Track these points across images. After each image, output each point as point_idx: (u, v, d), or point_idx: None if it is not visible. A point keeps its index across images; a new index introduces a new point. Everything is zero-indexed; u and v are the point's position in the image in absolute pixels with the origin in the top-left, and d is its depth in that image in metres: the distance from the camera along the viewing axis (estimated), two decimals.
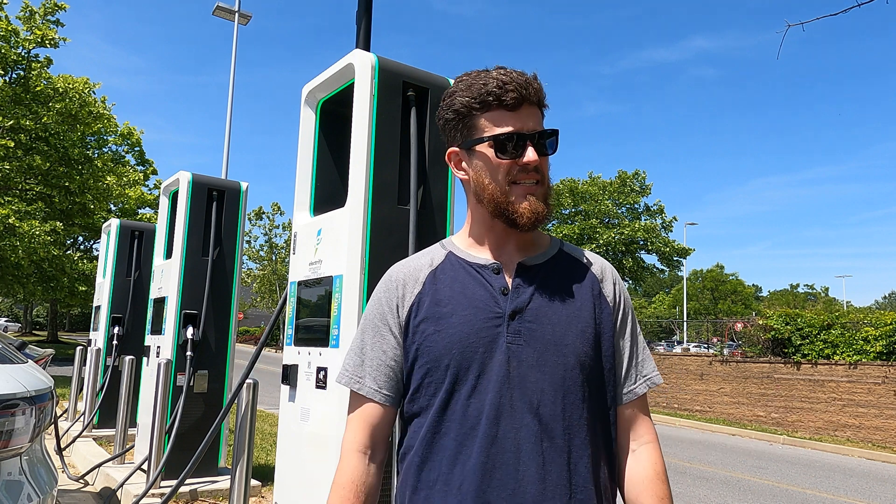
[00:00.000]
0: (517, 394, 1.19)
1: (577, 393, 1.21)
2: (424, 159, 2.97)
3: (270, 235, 43.30)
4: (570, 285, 1.29)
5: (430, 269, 1.34)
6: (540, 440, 1.17)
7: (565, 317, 1.24)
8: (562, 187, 32.88)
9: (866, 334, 13.27)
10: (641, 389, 1.33)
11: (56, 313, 37.50)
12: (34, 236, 16.48)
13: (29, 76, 18.08)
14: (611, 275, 1.35)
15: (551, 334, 1.22)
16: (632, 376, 1.33)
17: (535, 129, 1.24)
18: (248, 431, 3.62)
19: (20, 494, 2.44)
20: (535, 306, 1.24)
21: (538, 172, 1.25)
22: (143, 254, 7.59)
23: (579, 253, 1.37)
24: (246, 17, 17.70)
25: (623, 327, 1.33)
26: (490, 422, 1.18)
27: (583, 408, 1.22)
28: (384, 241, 2.78)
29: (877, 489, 8.79)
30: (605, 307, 1.30)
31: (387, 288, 1.37)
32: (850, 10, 3.98)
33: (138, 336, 7.09)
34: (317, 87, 3.20)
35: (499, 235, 1.31)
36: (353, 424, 1.32)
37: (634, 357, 1.33)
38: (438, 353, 1.24)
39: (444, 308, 1.27)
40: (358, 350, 1.36)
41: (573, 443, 1.20)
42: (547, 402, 1.19)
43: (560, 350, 1.22)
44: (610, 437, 1.29)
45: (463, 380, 1.21)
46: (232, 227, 5.48)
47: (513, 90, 1.22)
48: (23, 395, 2.52)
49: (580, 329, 1.24)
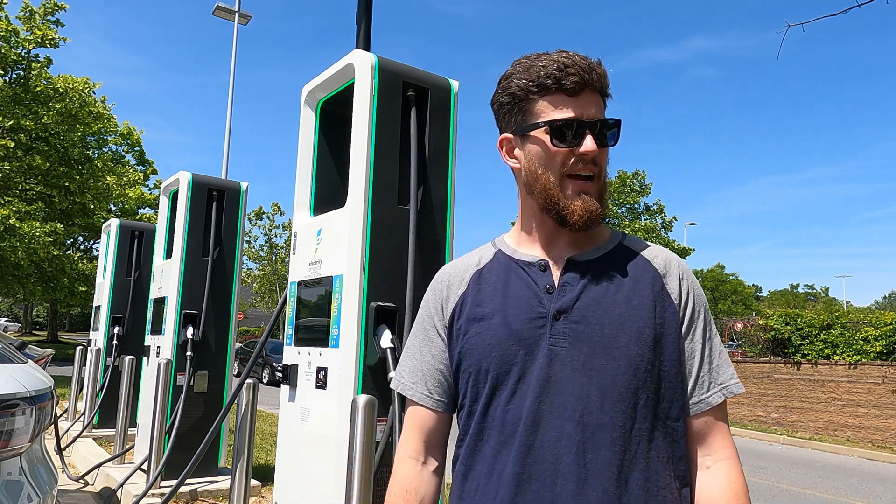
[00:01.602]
0: (559, 400, 1.10)
1: (630, 400, 1.09)
2: (424, 159, 2.97)
3: (270, 235, 43.26)
4: (626, 282, 1.17)
5: (477, 268, 1.28)
6: (583, 451, 1.07)
7: (617, 316, 1.13)
8: None
9: (866, 334, 13.27)
10: (716, 399, 1.17)
11: (56, 313, 37.50)
12: (34, 237, 16.49)
13: (29, 76, 18.09)
14: (677, 270, 1.20)
15: (600, 335, 1.11)
16: (704, 384, 1.17)
17: (595, 117, 1.15)
18: (248, 431, 3.62)
19: (20, 494, 2.44)
20: (583, 305, 1.14)
21: (595, 165, 1.15)
22: (143, 254, 7.59)
23: (642, 246, 1.24)
24: (246, 17, 17.70)
25: (692, 328, 1.18)
26: (527, 429, 1.10)
27: (637, 417, 1.09)
28: (384, 241, 2.78)
29: (877, 489, 8.79)
30: (669, 306, 1.16)
31: (433, 290, 1.32)
32: (850, 10, 3.98)
33: (138, 336, 7.08)
34: (317, 87, 3.20)
35: (550, 230, 1.21)
36: (407, 430, 1.30)
37: (707, 362, 1.18)
38: (479, 356, 1.18)
39: (485, 309, 1.20)
40: (409, 354, 1.32)
41: (624, 456, 1.08)
42: (593, 409, 1.08)
43: (610, 353, 1.10)
44: (678, 453, 1.14)
45: (502, 384, 1.14)
46: (232, 227, 5.48)
47: (574, 74, 1.13)
48: (23, 395, 2.52)
49: (636, 330, 1.12)
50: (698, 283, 1.23)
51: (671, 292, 1.17)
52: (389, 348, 2.61)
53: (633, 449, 1.09)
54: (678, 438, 1.14)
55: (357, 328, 2.65)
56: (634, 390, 1.10)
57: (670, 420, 1.13)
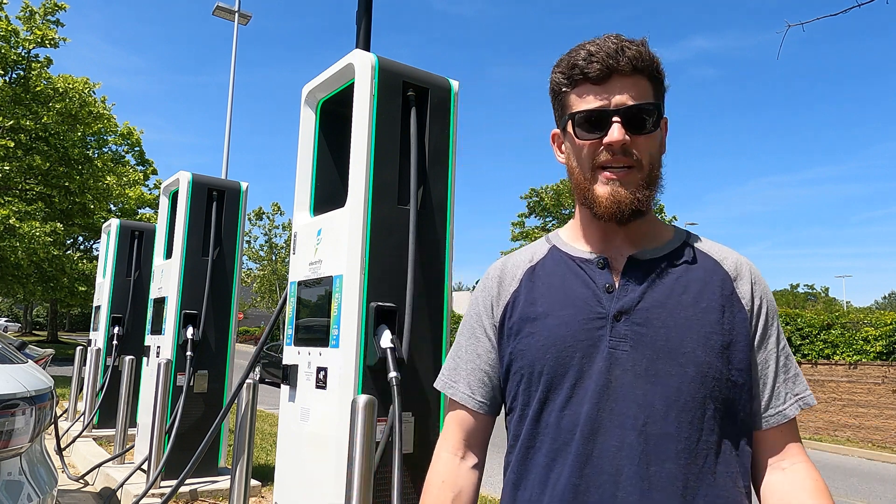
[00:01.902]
0: (620, 407, 1.03)
1: (697, 410, 1.02)
2: (424, 159, 2.97)
3: (270, 235, 43.29)
4: (692, 283, 1.09)
5: (530, 264, 1.22)
6: (646, 463, 1.00)
7: (684, 320, 1.05)
8: (562, 187, 32.86)
9: (866, 334, 13.27)
10: (792, 411, 1.09)
11: (56, 313, 37.49)
12: (34, 237, 16.48)
13: (29, 76, 18.09)
14: (749, 273, 1.12)
15: (665, 339, 1.04)
16: (780, 394, 1.10)
17: (623, 104, 1.06)
18: (248, 431, 3.62)
19: (20, 494, 2.44)
20: (646, 306, 1.07)
21: (627, 155, 1.07)
22: (143, 254, 7.59)
23: (710, 247, 1.16)
24: (246, 17, 17.70)
25: (765, 336, 1.10)
26: (585, 438, 1.04)
27: (706, 428, 1.02)
28: (384, 241, 2.78)
29: (877, 489, 8.79)
30: (739, 311, 1.08)
31: (483, 287, 1.26)
32: (850, 10, 3.98)
33: (138, 336, 7.08)
34: (317, 87, 3.20)
35: (605, 226, 1.13)
36: (448, 427, 1.26)
37: (783, 372, 1.10)
38: (532, 358, 1.11)
39: (539, 308, 1.14)
40: (454, 353, 1.28)
41: (691, 469, 1.01)
42: (657, 418, 1.01)
43: (676, 359, 1.03)
44: (744, 467, 1.07)
45: (557, 389, 1.08)
46: (232, 227, 5.47)
47: (598, 61, 1.07)
48: (23, 395, 2.52)
49: (703, 335, 1.04)
50: (769, 288, 1.15)
51: (742, 297, 1.09)
52: (389, 348, 2.61)
53: (699, 462, 1.02)
54: (744, 453, 1.07)
55: (357, 328, 2.65)
56: (702, 400, 1.02)
57: (738, 433, 1.07)
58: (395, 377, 2.54)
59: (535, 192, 33.88)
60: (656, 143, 1.11)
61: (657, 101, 1.10)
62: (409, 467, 2.71)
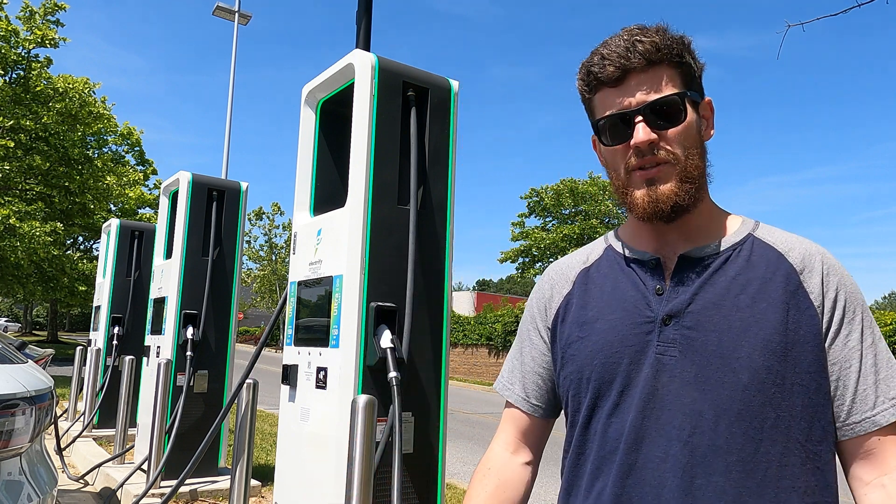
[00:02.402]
0: (666, 416, 0.98)
1: (753, 420, 0.94)
2: (424, 159, 2.97)
3: (270, 235, 43.29)
4: (752, 281, 1.00)
5: (584, 266, 1.18)
6: (691, 476, 0.95)
7: (739, 322, 0.97)
8: (562, 187, 32.88)
9: None
10: (887, 417, 0.96)
11: (56, 313, 37.49)
12: (34, 237, 16.48)
13: (29, 76, 18.09)
14: (820, 265, 1.01)
15: (717, 344, 0.97)
16: (867, 398, 0.97)
17: (642, 102, 1.02)
18: (248, 431, 3.62)
19: (20, 494, 2.44)
20: (697, 309, 1.00)
21: (657, 154, 1.02)
22: (143, 254, 7.59)
23: (778, 237, 1.06)
24: (246, 17, 17.71)
25: (843, 333, 0.99)
26: (629, 447, 1.00)
27: (766, 439, 0.94)
28: (384, 241, 2.78)
29: None
30: (807, 308, 0.98)
31: (538, 289, 1.24)
32: (851, 10, 3.98)
33: (138, 336, 7.08)
34: (317, 87, 3.20)
35: (655, 224, 1.07)
36: (503, 424, 1.26)
37: (872, 372, 0.98)
38: (581, 363, 1.09)
39: (590, 311, 1.11)
40: (512, 354, 1.27)
41: (745, 484, 0.93)
42: (706, 428, 0.95)
43: (728, 364, 0.96)
44: (820, 482, 0.97)
45: (605, 396, 1.05)
46: (232, 227, 5.47)
47: (610, 63, 1.03)
48: (23, 395, 2.52)
49: (762, 338, 0.96)
50: (853, 279, 1.03)
51: (811, 292, 0.99)
52: (389, 348, 2.61)
53: (757, 476, 0.94)
54: (823, 465, 0.97)
55: (357, 328, 2.65)
56: (759, 408, 0.95)
57: (811, 443, 0.96)
58: (395, 377, 2.54)
59: (535, 192, 33.88)
60: (691, 133, 1.04)
61: (684, 88, 1.04)
62: (409, 467, 2.71)
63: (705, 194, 1.08)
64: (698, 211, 1.06)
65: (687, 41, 1.07)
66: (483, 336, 22.40)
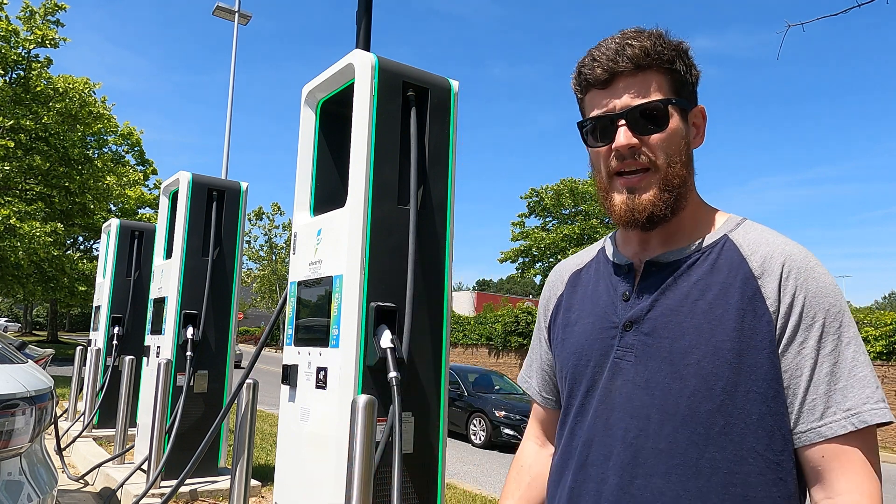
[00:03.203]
0: (615, 418, 1.02)
1: (699, 425, 0.94)
2: (424, 159, 2.97)
3: (270, 235, 43.34)
4: (712, 286, 1.00)
5: (577, 268, 1.23)
6: (631, 476, 0.98)
7: (693, 328, 0.98)
8: (562, 187, 32.88)
9: (866, 334, 13.27)
10: (834, 429, 0.92)
11: (56, 313, 37.50)
12: (34, 237, 16.48)
13: (29, 76, 18.09)
14: (779, 269, 0.97)
15: (668, 350, 0.99)
16: (815, 408, 0.93)
17: (627, 106, 1.02)
18: (248, 431, 3.62)
19: (20, 494, 2.44)
20: (655, 315, 1.02)
21: (640, 158, 1.03)
22: (143, 254, 7.59)
23: (749, 239, 1.03)
24: (246, 17, 17.71)
25: (798, 340, 0.95)
26: (584, 445, 1.06)
27: (712, 445, 0.94)
28: (384, 241, 2.78)
29: None
30: (763, 314, 0.96)
31: (544, 289, 1.31)
32: (851, 10, 3.98)
33: (138, 336, 7.08)
34: (317, 87, 3.20)
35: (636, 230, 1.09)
36: (531, 419, 1.37)
37: (825, 381, 0.93)
38: (562, 364, 1.16)
39: (572, 314, 1.17)
40: (531, 350, 1.37)
41: (686, 487, 0.94)
42: (650, 431, 0.97)
43: (677, 370, 0.97)
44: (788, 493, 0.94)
45: (575, 396, 1.11)
46: (232, 227, 5.47)
47: (599, 65, 1.04)
48: (23, 395, 2.52)
49: (713, 345, 0.96)
50: (826, 280, 0.98)
51: (767, 297, 0.96)
52: (389, 348, 2.61)
53: (699, 481, 0.93)
54: (785, 476, 0.94)
55: (357, 328, 2.65)
56: (706, 414, 0.94)
57: (771, 452, 0.94)
58: (395, 377, 2.54)
59: (535, 191, 33.90)
60: (675, 140, 1.04)
61: (672, 94, 1.04)
62: (409, 467, 2.71)
63: (689, 199, 1.08)
64: (680, 216, 1.07)
65: (683, 48, 1.07)
66: (483, 336, 22.39)
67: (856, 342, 0.95)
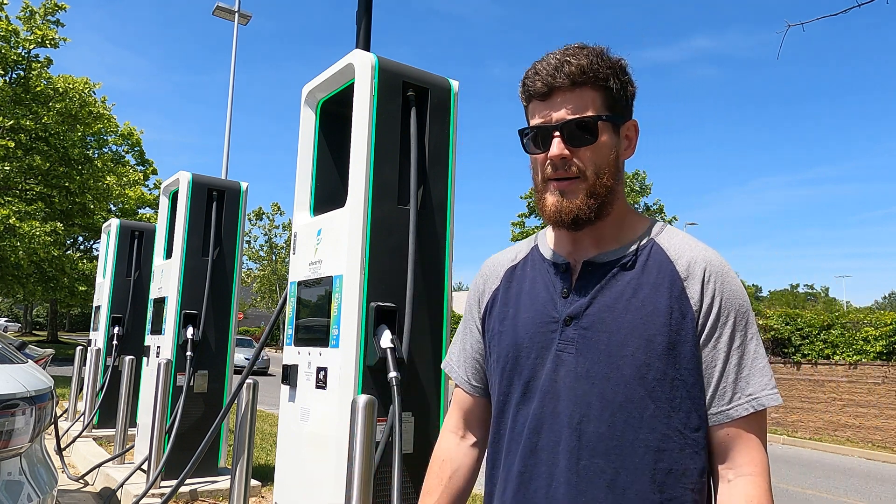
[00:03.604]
0: (561, 406, 1.11)
1: (634, 410, 1.07)
2: (424, 159, 2.97)
3: (270, 235, 43.35)
4: (644, 285, 1.11)
5: (512, 263, 1.30)
6: (577, 458, 1.08)
7: (628, 323, 1.09)
8: None
9: (866, 334, 13.27)
10: (738, 411, 1.08)
11: (56, 313, 37.50)
12: (34, 237, 16.48)
13: (29, 76, 18.09)
14: (701, 273, 1.11)
15: (606, 343, 1.09)
16: (725, 394, 1.08)
17: (562, 119, 1.12)
18: (248, 431, 3.61)
19: (20, 494, 2.44)
20: (593, 311, 1.12)
21: (571, 167, 1.13)
22: (143, 254, 7.59)
23: (674, 244, 1.16)
24: (246, 17, 17.71)
25: (714, 334, 1.09)
26: (531, 431, 1.14)
27: (645, 427, 1.06)
28: (384, 241, 2.78)
29: (877, 489, 8.79)
30: (687, 311, 1.09)
31: (475, 281, 1.37)
32: (850, 10, 3.98)
33: (138, 336, 7.08)
34: (317, 87, 3.20)
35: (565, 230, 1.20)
36: (451, 407, 1.40)
37: (734, 371, 1.09)
38: (499, 354, 1.23)
39: (510, 308, 1.24)
40: (457, 338, 1.41)
41: (623, 465, 1.06)
42: (592, 417, 1.08)
43: (614, 361, 1.08)
44: (698, 465, 1.09)
45: (515, 385, 1.18)
46: (232, 227, 5.48)
47: (540, 79, 1.14)
48: (23, 395, 2.52)
49: (646, 337, 1.07)
50: (737, 284, 1.12)
51: (691, 297, 1.10)
52: (389, 348, 2.61)
53: (635, 459, 1.06)
54: (700, 451, 1.09)
55: (357, 328, 2.65)
56: (640, 400, 1.07)
57: (688, 430, 1.08)
58: (395, 377, 2.54)
59: None
60: (604, 153, 1.14)
61: (605, 111, 1.13)
62: (409, 467, 2.71)
63: (616, 205, 1.18)
64: (608, 220, 1.17)
65: (620, 65, 1.16)
66: None
67: (756, 338, 1.11)
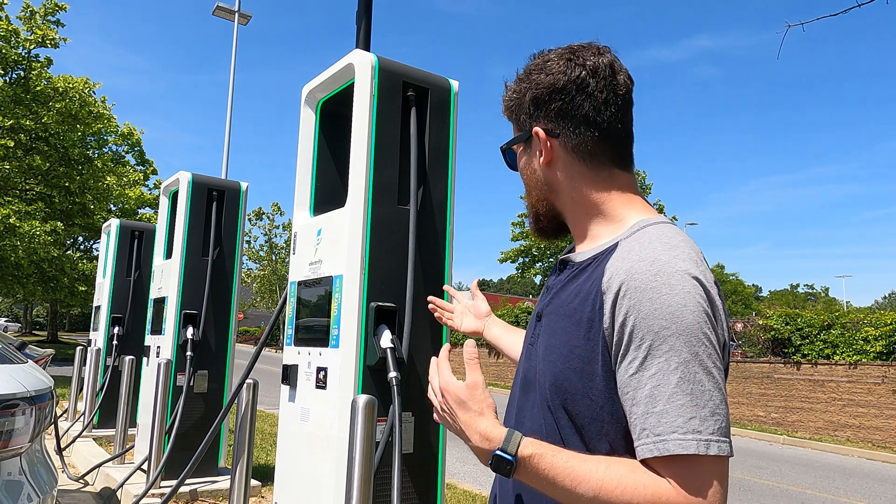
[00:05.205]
0: (513, 400, 1.19)
1: (551, 416, 1.05)
2: (424, 159, 2.97)
3: (270, 235, 43.31)
4: (579, 294, 1.05)
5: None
6: None
7: (561, 329, 1.05)
8: None
9: (866, 334, 13.26)
10: (641, 452, 0.92)
11: (56, 313, 37.49)
12: (34, 236, 16.48)
13: (29, 76, 18.08)
14: (616, 288, 0.97)
15: (545, 345, 1.08)
16: (635, 429, 0.94)
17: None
18: (248, 431, 3.62)
19: (20, 494, 2.44)
20: (550, 310, 1.12)
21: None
22: (143, 254, 7.59)
23: (619, 252, 1.03)
24: (246, 17, 17.71)
25: (626, 359, 0.95)
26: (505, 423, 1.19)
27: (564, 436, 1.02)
28: (384, 241, 2.78)
29: (877, 489, 8.79)
30: (599, 328, 0.99)
31: None
32: (851, 10, 3.98)
33: (138, 336, 7.08)
34: (317, 87, 3.20)
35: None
36: None
37: (642, 402, 0.93)
38: None
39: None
40: None
41: None
42: (527, 415, 1.12)
43: (545, 365, 1.07)
44: None
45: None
46: (232, 227, 5.48)
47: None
48: (23, 395, 2.52)
49: (567, 349, 1.02)
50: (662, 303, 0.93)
51: (605, 313, 0.98)
52: (389, 348, 2.61)
53: None
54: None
55: (357, 328, 2.65)
56: (556, 408, 1.03)
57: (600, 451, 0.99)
58: (395, 377, 2.54)
59: None
60: (526, 175, 1.21)
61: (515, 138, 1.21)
62: (409, 467, 2.71)
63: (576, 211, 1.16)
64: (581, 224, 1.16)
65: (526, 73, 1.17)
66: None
67: (685, 368, 0.90)
